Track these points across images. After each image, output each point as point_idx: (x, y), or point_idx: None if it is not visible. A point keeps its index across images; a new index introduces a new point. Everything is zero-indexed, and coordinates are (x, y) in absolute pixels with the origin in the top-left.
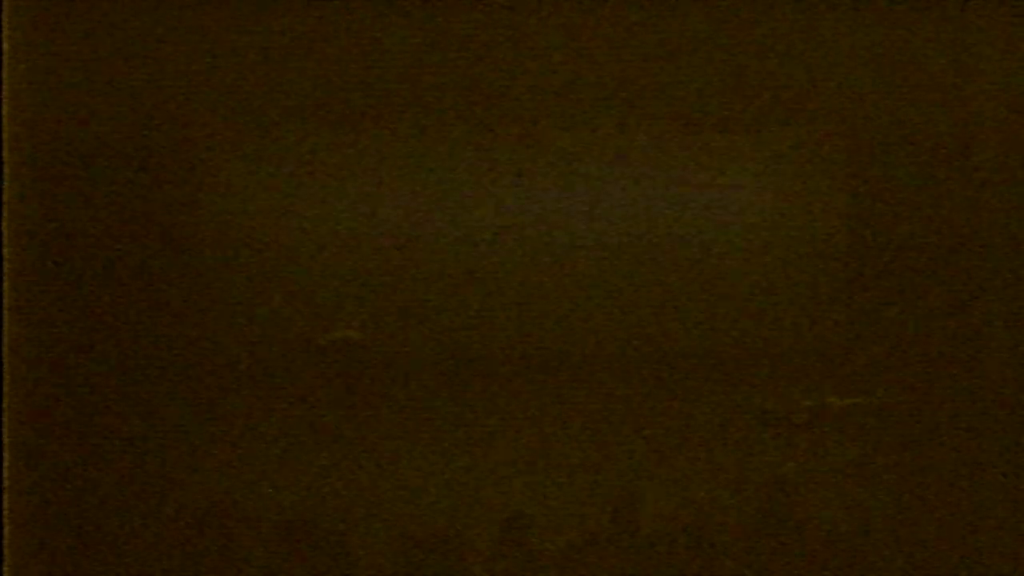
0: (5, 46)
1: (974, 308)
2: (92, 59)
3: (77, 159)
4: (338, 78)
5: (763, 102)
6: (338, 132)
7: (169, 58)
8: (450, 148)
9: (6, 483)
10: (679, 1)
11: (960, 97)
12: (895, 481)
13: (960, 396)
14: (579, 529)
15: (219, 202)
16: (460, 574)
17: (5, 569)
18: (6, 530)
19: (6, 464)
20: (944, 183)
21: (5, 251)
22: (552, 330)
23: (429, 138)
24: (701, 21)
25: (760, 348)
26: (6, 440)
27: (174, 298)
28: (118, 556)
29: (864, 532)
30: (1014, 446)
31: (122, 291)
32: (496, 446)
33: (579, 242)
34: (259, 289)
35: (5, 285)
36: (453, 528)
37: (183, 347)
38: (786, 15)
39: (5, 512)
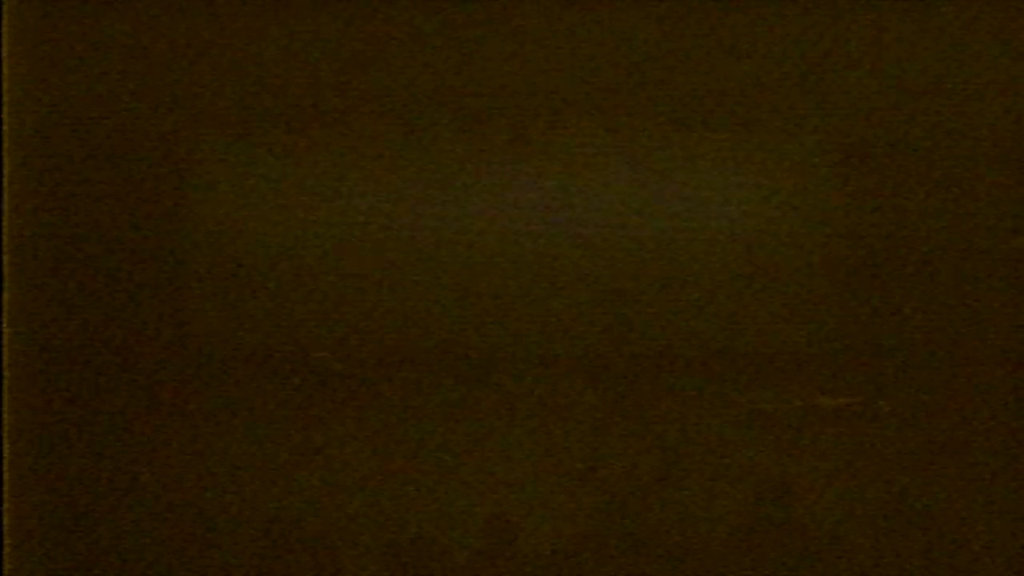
0: (5, 46)
1: (968, 307)
2: (92, 59)
3: (77, 159)
4: (335, 79)
5: (757, 100)
6: (335, 133)
7: (168, 59)
8: (441, 148)
9: (6, 483)
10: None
11: (957, 95)
12: (887, 482)
13: (953, 396)
14: (568, 531)
15: (220, 203)
16: None
17: (5, 569)
18: (6, 530)
19: (6, 464)
20: (940, 181)
21: (5, 251)
22: (541, 330)
23: (421, 138)
24: (694, 20)
25: (751, 348)
26: (6, 440)
27: (174, 298)
28: (118, 556)
29: (856, 533)
30: (1009, 446)
31: (122, 291)
32: (487, 447)
33: (569, 242)
34: (259, 289)
35: (5, 285)
36: (437, 532)
37: (183, 347)
38: (779, 13)
39: (5, 512)
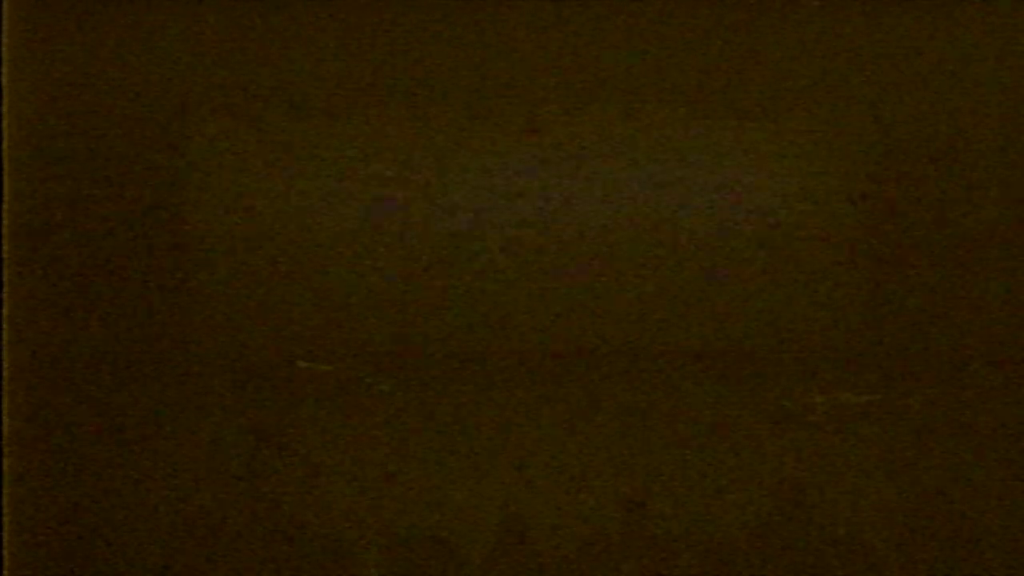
0: (5, 46)
1: (994, 304)
2: (92, 59)
3: (77, 159)
4: (339, 73)
5: (776, 89)
6: (340, 128)
7: (169, 57)
8: (449, 137)
9: (6, 483)
10: None
11: (979, 87)
12: (912, 480)
13: (980, 393)
14: (584, 533)
15: (220, 201)
16: None
17: (5, 569)
18: (6, 530)
19: (6, 464)
20: (966, 175)
21: (5, 251)
22: (554, 326)
23: (427, 129)
24: (715, 6)
25: (772, 343)
26: (6, 440)
27: (174, 297)
28: (117, 556)
29: (879, 533)
30: None
31: (123, 291)
32: (497, 447)
33: (582, 234)
34: (260, 288)
35: (5, 285)
36: (450, 531)
37: (183, 347)
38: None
39: (5, 512)
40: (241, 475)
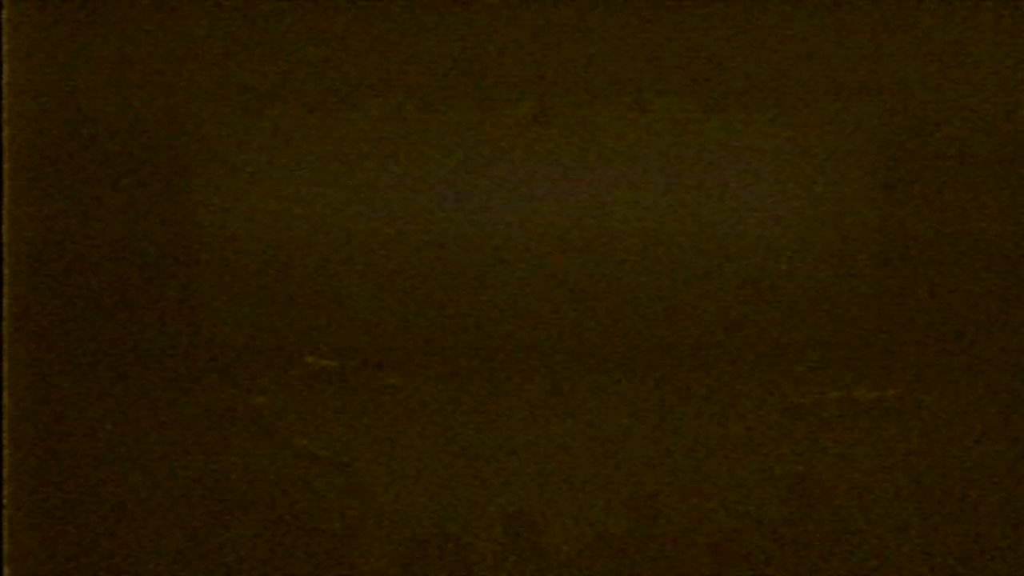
0: (5, 46)
1: (1005, 301)
2: (92, 59)
3: (77, 158)
4: (344, 72)
5: (791, 84)
6: (341, 126)
7: (168, 58)
8: (457, 130)
9: (6, 483)
10: None
11: (996, 83)
12: (922, 475)
13: (990, 389)
14: (596, 528)
15: (219, 201)
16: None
17: (5, 569)
18: (6, 529)
19: (6, 464)
20: (979, 172)
21: (5, 251)
22: (567, 323)
23: (437, 124)
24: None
25: (787, 340)
26: (6, 440)
27: (174, 296)
28: (118, 556)
29: (892, 528)
30: None
31: (121, 290)
32: (512, 442)
33: (595, 231)
34: (260, 287)
35: (5, 285)
36: (458, 528)
37: (183, 345)
38: None
39: (5, 511)
40: (244, 472)
